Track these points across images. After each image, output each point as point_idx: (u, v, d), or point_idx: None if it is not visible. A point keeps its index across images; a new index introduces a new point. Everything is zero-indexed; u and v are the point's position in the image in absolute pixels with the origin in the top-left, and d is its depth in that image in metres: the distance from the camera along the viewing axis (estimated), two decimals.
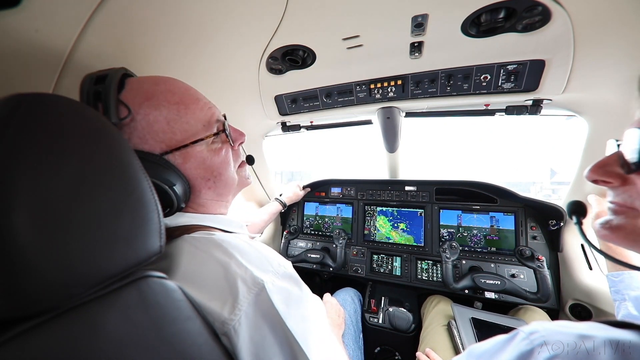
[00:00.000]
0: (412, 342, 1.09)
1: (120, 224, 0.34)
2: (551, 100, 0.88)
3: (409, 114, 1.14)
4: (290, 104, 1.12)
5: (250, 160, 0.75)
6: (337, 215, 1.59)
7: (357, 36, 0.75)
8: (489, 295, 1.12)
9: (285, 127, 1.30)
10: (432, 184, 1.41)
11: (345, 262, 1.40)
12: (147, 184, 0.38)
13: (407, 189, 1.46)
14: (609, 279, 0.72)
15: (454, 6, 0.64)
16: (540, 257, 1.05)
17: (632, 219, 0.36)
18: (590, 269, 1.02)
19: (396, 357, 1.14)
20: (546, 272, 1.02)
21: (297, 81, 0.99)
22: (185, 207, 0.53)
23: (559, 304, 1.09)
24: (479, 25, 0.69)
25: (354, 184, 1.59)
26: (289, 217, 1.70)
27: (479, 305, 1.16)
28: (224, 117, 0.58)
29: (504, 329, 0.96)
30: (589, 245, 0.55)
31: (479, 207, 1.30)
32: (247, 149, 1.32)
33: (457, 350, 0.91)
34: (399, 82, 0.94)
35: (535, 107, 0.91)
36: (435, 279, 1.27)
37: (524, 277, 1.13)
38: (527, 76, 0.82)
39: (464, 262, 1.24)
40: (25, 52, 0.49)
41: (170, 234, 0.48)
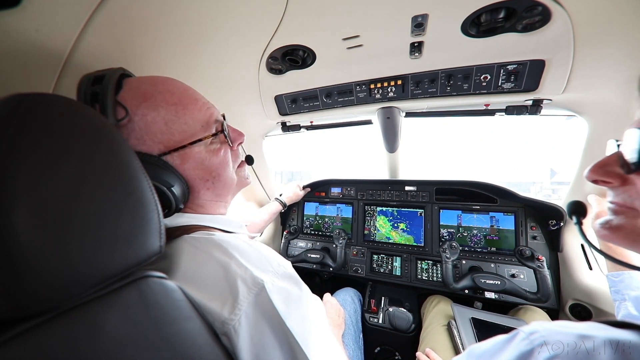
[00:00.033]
0: (412, 342, 1.09)
1: (120, 224, 0.34)
2: (551, 100, 0.88)
3: (409, 114, 1.14)
4: (290, 104, 1.12)
5: (249, 160, 0.74)
6: (337, 215, 1.59)
7: (357, 36, 0.75)
8: (489, 295, 1.12)
9: (285, 127, 1.30)
10: (432, 184, 1.41)
11: (345, 262, 1.40)
12: (147, 184, 0.38)
13: (407, 189, 1.46)
14: (609, 279, 0.72)
15: (454, 6, 0.64)
16: (540, 257, 1.05)
17: (631, 219, 0.36)
18: (590, 269, 1.02)
19: (396, 357, 1.14)
20: (546, 272, 1.02)
21: (297, 81, 0.99)
22: (184, 207, 0.53)
23: (559, 304, 1.09)
24: (479, 25, 0.69)
25: (354, 184, 1.59)
26: (289, 217, 1.70)
27: (479, 305, 1.16)
28: (222, 117, 0.57)
29: (504, 329, 0.96)
30: (589, 245, 0.55)
31: (479, 207, 1.30)
32: (247, 149, 1.32)
33: (457, 350, 0.91)
34: (399, 82, 0.94)
35: (535, 107, 0.91)
36: (435, 279, 1.27)
37: (524, 277, 1.12)
38: (527, 76, 0.82)
39: (464, 262, 1.24)
40: (25, 52, 0.49)
41: (169, 235, 0.48)
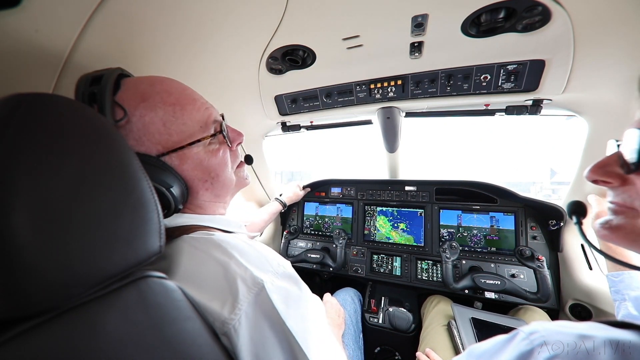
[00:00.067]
0: (412, 342, 1.09)
1: (120, 224, 0.34)
2: (551, 100, 0.87)
3: (409, 114, 1.14)
4: (290, 104, 1.12)
5: (248, 160, 0.74)
6: (337, 215, 1.59)
7: (357, 36, 0.75)
8: (489, 295, 1.12)
9: (285, 127, 1.30)
10: (432, 184, 1.41)
11: (345, 262, 1.40)
12: (146, 184, 0.38)
13: (407, 189, 1.46)
14: (609, 279, 0.72)
15: (454, 6, 0.64)
16: (540, 257, 1.05)
17: (631, 219, 0.36)
18: (590, 269, 1.02)
19: (396, 357, 1.14)
20: (546, 272, 1.02)
21: (297, 81, 0.99)
22: (183, 208, 0.53)
23: (559, 304, 1.09)
24: (479, 25, 0.69)
25: (354, 184, 1.59)
26: (289, 217, 1.70)
27: (479, 305, 1.16)
28: (221, 117, 0.57)
29: (504, 329, 0.96)
30: (589, 245, 0.55)
31: (479, 207, 1.30)
32: (247, 149, 1.32)
33: (457, 350, 0.91)
34: (399, 82, 0.94)
35: (535, 107, 0.91)
36: (435, 279, 1.27)
37: (524, 277, 1.12)
38: (527, 76, 0.82)
39: (464, 262, 1.24)
40: (25, 52, 0.49)
41: (169, 235, 0.48)
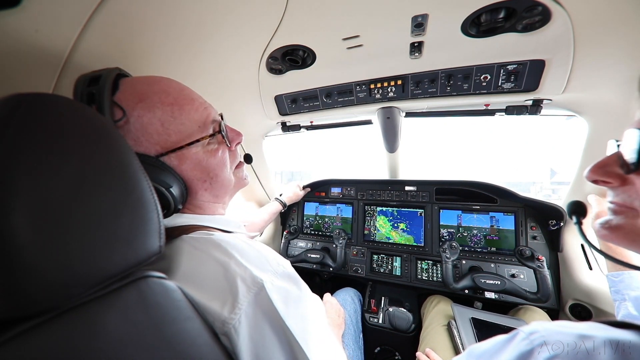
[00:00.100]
0: (412, 342, 1.09)
1: (120, 224, 0.34)
2: (551, 100, 0.87)
3: (409, 114, 1.14)
4: (290, 104, 1.12)
5: (248, 159, 0.74)
6: (337, 215, 1.59)
7: (357, 36, 0.75)
8: (489, 295, 1.12)
9: (285, 127, 1.30)
10: (432, 184, 1.41)
11: (345, 262, 1.40)
12: (146, 184, 0.38)
13: (407, 189, 1.46)
14: (609, 279, 0.72)
15: (454, 6, 0.64)
16: (540, 257, 1.05)
17: (631, 219, 0.36)
18: (590, 269, 1.02)
19: (396, 357, 1.14)
20: (546, 272, 1.02)
21: (297, 81, 0.99)
22: (182, 208, 0.53)
23: (559, 304, 1.09)
24: (479, 25, 0.69)
25: (354, 184, 1.59)
26: (289, 217, 1.70)
27: (479, 305, 1.16)
28: (220, 116, 0.57)
29: (504, 329, 0.96)
30: (588, 245, 0.55)
31: (479, 207, 1.30)
32: (247, 149, 1.32)
33: (457, 350, 0.91)
34: (399, 82, 0.94)
35: (535, 107, 0.91)
36: (435, 279, 1.27)
37: (524, 277, 1.12)
38: (527, 76, 0.82)
39: (464, 262, 1.24)
40: (25, 52, 0.49)
41: (168, 235, 0.48)
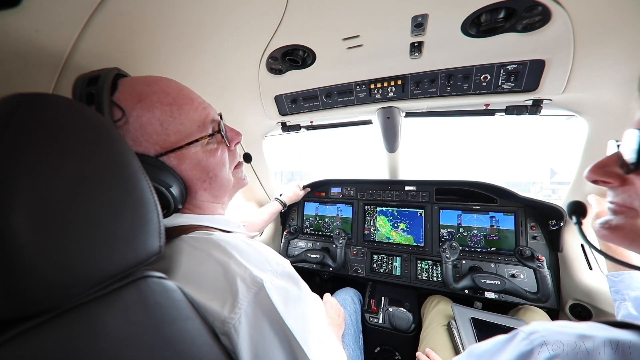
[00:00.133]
0: (412, 342, 1.09)
1: (120, 224, 0.34)
2: (551, 100, 0.87)
3: (409, 114, 1.14)
4: (290, 104, 1.12)
5: (247, 158, 0.74)
6: (337, 215, 1.59)
7: (357, 36, 0.75)
8: (489, 295, 1.12)
9: (285, 127, 1.30)
10: (432, 184, 1.41)
11: (345, 262, 1.40)
12: (146, 184, 0.38)
13: (407, 189, 1.46)
14: (609, 279, 0.72)
15: (454, 6, 0.64)
16: (540, 257, 1.05)
17: (631, 219, 0.36)
18: (590, 269, 1.02)
19: (396, 357, 1.14)
20: (546, 272, 1.02)
21: (297, 81, 0.99)
22: (182, 208, 0.53)
23: (559, 304, 1.09)
24: (479, 25, 0.69)
25: (354, 184, 1.59)
26: (289, 217, 1.70)
27: (479, 305, 1.16)
28: (219, 116, 0.57)
29: (504, 329, 0.96)
30: (588, 245, 0.55)
31: (479, 207, 1.30)
32: (247, 149, 1.32)
33: (457, 350, 0.91)
34: (399, 82, 0.94)
35: (535, 107, 0.91)
36: (435, 279, 1.27)
37: (524, 277, 1.12)
38: (527, 76, 0.82)
39: (464, 262, 1.24)
40: (25, 52, 0.49)
41: (168, 235, 0.48)
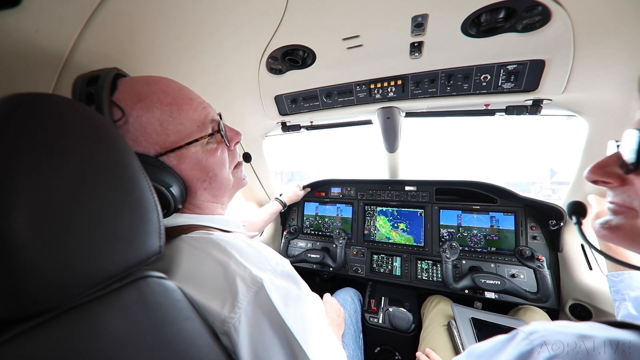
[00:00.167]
0: (412, 342, 1.09)
1: (120, 224, 0.34)
2: (551, 100, 0.87)
3: (409, 114, 1.14)
4: (290, 104, 1.12)
5: (247, 157, 0.74)
6: (337, 215, 1.59)
7: (357, 36, 0.75)
8: (489, 295, 1.12)
9: (285, 127, 1.30)
10: (432, 184, 1.41)
11: (345, 262, 1.40)
12: (146, 184, 0.38)
13: (407, 189, 1.46)
14: (609, 279, 0.72)
15: (454, 6, 0.64)
16: (540, 257, 1.05)
17: (631, 219, 0.36)
18: (590, 269, 1.02)
19: (396, 357, 1.14)
20: (546, 272, 1.02)
21: (297, 81, 0.99)
22: (182, 208, 0.53)
23: (559, 304, 1.09)
24: (479, 25, 0.69)
25: (354, 184, 1.59)
26: (289, 217, 1.70)
27: (479, 305, 1.16)
28: (219, 116, 0.57)
29: (504, 329, 0.96)
30: (588, 245, 0.55)
31: (479, 207, 1.30)
32: (247, 149, 1.32)
33: (457, 350, 0.91)
34: (399, 82, 0.94)
35: (535, 107, 0.91)
36: (435, 279, 1.27)
37: (524, 277, 1.12)
38: (527, 76, 0.82)
39: (464, 262, 1.24)
40: (25, 52, 0.49)
41: (168, 235, 0.48)
